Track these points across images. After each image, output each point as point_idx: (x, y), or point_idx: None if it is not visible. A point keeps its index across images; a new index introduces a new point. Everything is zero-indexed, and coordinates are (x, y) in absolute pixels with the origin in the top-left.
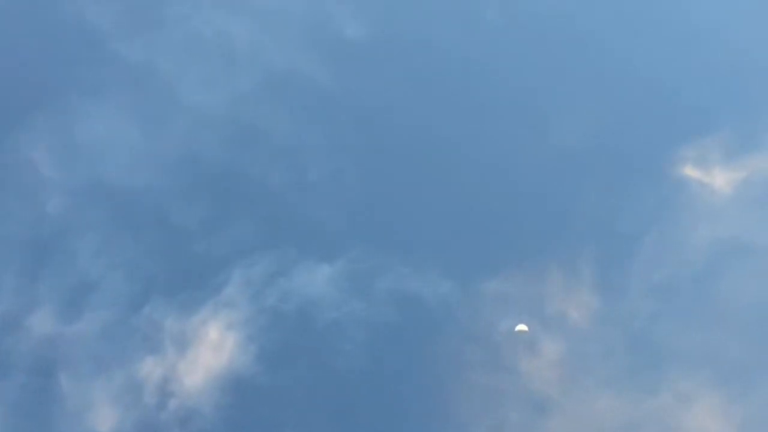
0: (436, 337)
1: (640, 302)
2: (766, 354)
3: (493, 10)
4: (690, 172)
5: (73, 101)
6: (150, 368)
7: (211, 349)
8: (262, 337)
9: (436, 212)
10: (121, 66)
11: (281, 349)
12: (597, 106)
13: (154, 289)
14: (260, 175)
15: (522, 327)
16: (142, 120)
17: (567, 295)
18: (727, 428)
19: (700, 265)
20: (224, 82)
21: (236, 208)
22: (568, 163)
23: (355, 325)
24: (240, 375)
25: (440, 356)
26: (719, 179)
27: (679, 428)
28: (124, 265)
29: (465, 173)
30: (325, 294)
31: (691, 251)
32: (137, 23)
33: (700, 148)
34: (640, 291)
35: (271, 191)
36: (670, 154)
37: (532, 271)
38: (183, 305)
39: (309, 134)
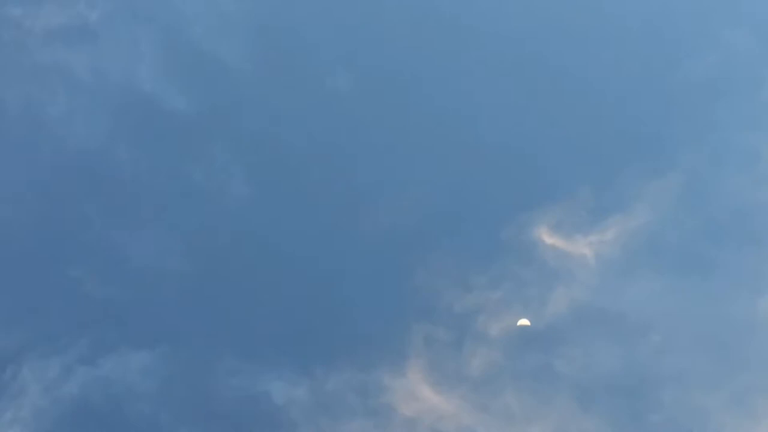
0: None
1: (483, 386)
2: (619, 429)
3: (338, 77)
4: (546, 238)
5: None
6: None
7: None
8: None
9: (268, 298)
10: None
11: None
12: (439, 174)
13: None
14: (76, 256)
15: (524, 321)
16: None
17: (399, 387)
18: None
19: (550, 338)
20: (30, 158)
21: (41, 291)
22: (401, 238)
23: (176, 422)
24: None
25: None
26: (577, 244)
27: None
28: None
29: (299, 255)
30: (140, 384)
31: (542, 325)
32: None
33: (557, 212)
34: (482, 372)
35: (85, 273)
36: (522, 221)
37: (364, 362)
38: None
39: (132, 212)
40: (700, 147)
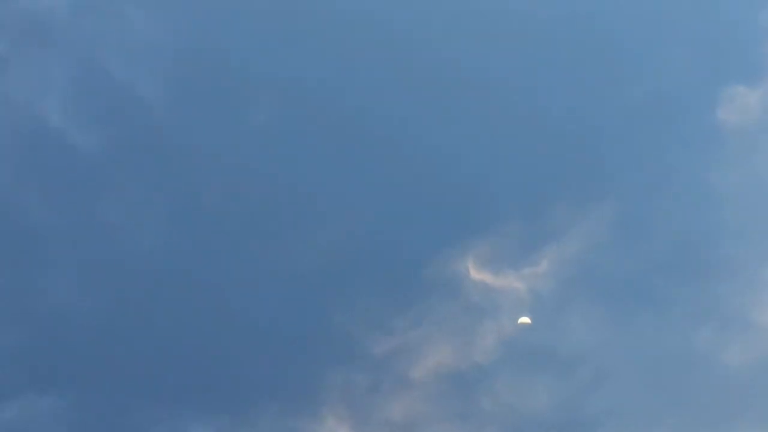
0: None
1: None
2: None
3: (260, 110)
4: (474, 273)
5: None
6: None
7: None
8: None
9: (185, 342)
10: None
11: None
12: (356, 207)
13: None
14: None
15: (525, 320)
16: None
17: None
18: None
19: (481, 377)
20: None
21: None
22: (316, 277)
23: None
24: None
25: None
26: (509, 278)
27: None
28: None
29: (215, 298)
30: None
31: (469, 364)
32: None
33: (485, 245)
34: (405, 416)
35: None
36: (447, 256)
37: (283, 409)
38: None
39: (40, 253)
40: (637, 173)
